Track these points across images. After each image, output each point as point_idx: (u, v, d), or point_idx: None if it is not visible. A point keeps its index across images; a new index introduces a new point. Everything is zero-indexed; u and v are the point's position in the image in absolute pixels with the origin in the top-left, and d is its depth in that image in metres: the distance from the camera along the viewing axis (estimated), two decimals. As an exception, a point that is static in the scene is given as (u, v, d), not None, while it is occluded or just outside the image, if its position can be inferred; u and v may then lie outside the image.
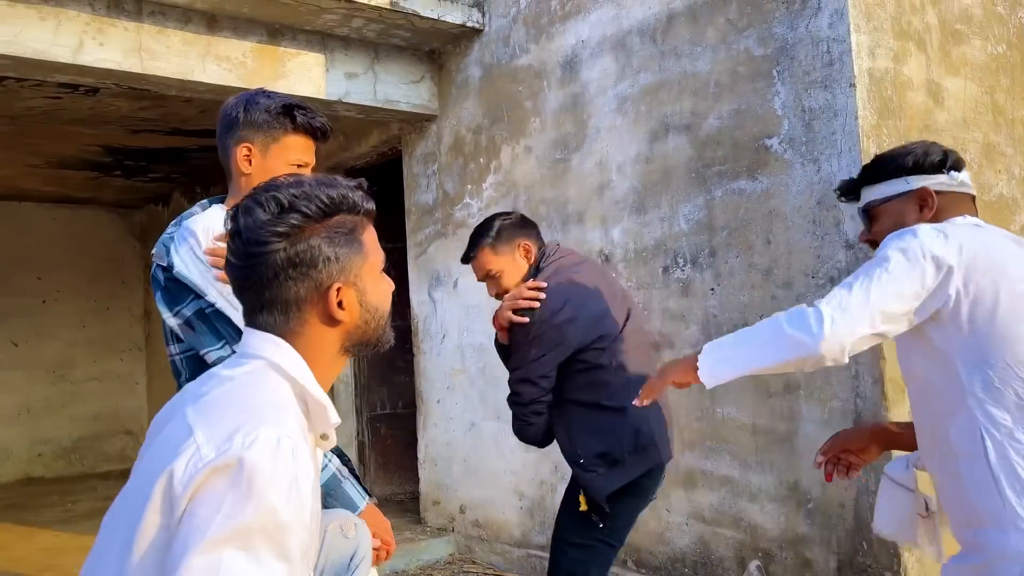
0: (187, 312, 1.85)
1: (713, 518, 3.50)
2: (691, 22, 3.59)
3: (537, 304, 2.38)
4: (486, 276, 2.59)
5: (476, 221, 4.71)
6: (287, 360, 1.19)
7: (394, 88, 4.85)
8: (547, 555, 4.30)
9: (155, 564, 1.02)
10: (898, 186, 1.84)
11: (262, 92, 2.01)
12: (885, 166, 1.86)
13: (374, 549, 1.84)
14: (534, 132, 4.39)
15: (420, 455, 5.22)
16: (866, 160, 2.99)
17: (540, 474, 4.35)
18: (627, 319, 2.49)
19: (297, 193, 1.20)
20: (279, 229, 1.17)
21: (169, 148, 7.02)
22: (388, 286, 1.33)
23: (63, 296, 8.60)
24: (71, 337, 8.63)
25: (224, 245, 1.60)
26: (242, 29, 4.24)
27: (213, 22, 4.15)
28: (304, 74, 4.47)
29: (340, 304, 1.23)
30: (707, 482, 3.52)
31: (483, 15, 4.69)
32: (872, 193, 1.87)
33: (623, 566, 3.86)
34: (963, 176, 1.86)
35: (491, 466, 4.63)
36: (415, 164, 5.26)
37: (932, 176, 1.82)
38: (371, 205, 1.32)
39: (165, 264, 1.87)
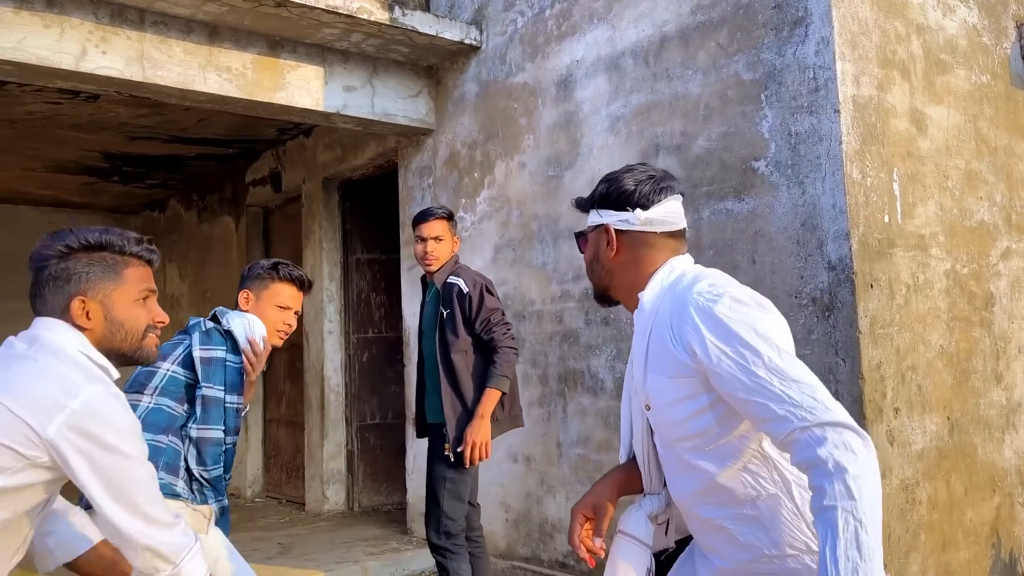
0: (215, 354, 2.44)
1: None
2: (683, 46, 3.67)
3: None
4: (435, 238, 3.41)
5: (470, 235, 4.78)
6: (73, 340, 1.61)
7: (391, 102, 4.92)
8: (530, 567, 4.35)
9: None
10: (593, 217, 1.71)
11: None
12: (592, 193, 1.72)
13: None
14: (528, 149, 4.46)
15: (408, 466, 5.25)
16: (850, 184, 3.07)
17: (527, 486, 4.39)
18: None
19: (75, 232, 1.64)
20: (47, 253, 1.63)
21: (167, 155, 7.08)
22: (144, 313, 1.68)
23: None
24: (64, 341, 8.63)
25: (259, 345, 2.51)
26: (243, 41, 4.31)
27: (214, 33, 4.22)
28: (303, 86, 4.54)
29: (88, 315, 1.62)
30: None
31: (481, 33, 4.77)
32: (589, 219, 1.74)
33: None
34: (654, 213, 1.63)
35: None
36: (410, 177, 5.33)
37: (618, 212, 1.64)
38: (143, 253, 1.70)
39: (222, 320, 2.53)
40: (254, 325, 2.53)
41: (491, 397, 3.29)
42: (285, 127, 6.36)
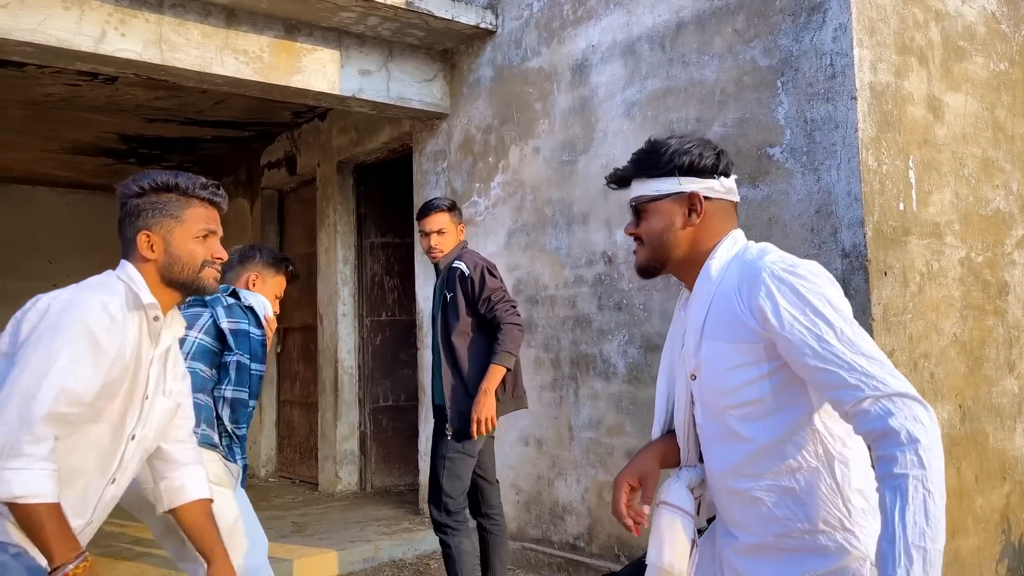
0: (241, 326, 2.71)
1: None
2: (699, 31, 3.67)
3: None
4: (438, 232, 3.45)
5: (484, 220, 4.80)
6: (123, 272, 1.85)
7: (407, 86, 4.94)
8: (541, 549, 4.39)
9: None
10: (669, 185, 1.67)
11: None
12: (658, 161, 1.68)
13: None
14: (543, 133, 4.47)
15: (421, 447, 5.31)
16: (865, 171, 3.07)
17: (537, 469, 4.43)
18: None
19: (149, 175, 1.88)
20: (127, 192, 1.88)
21: (183, 137, 7.13)
22: (201, 249, 1.87)
23: (74, 280, 8.59)
24: (80, 321, 8.73)
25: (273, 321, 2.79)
26: (260, 24, 4.33)
27: (232, 16, 4.24)
28: (319, 70, 4.56)
29: (152, 247, 1.85)
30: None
31: (496, 17, 4.77)
32: (643, 188, 1.71)
33: (616, 559, 3.94)
34: (731, 182, 1.71)
35: (490, 460, 4.70)
36: (425, 161, 5.35)
37: (704, 180, 1.66)
38: (207, 196, 1.90)
39: (241, 297, 2.77)
40: (267, 305, 2.87)
41: (495, 373, 3.32)
42: (300, 110, 6.38)
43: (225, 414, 2.65)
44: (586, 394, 4.19)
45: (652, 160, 1.69)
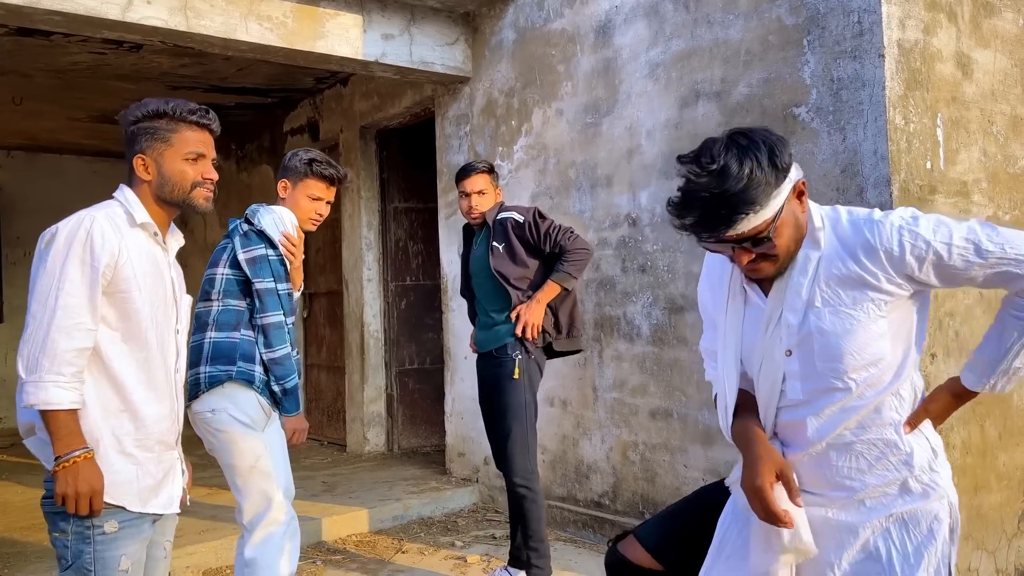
0: (256, 253, 2.74)
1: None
2: (724, -10, 3.63)
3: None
4: (479, 192, 3.49)
5: (507, 183, 4.82)
6: (120, 194, 2.02)
7: (429, 50, 4.94)
8: (567, 507, 4.48)
9: None
10: (783, 191, 1.58)
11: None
12: (760, 180, 1.54)
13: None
14: (566, 96, 4.47)
15: (447, 409, 5.40)
16: (892, 130, 3.05)
17: (563, 429, 4.50)
18: None
19: (143, 104, 2.01)
20: (125, 120, 2.02)
21: (207, 104, 7.14)
22: (190, 170, 2.00)
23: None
24: (110, 288, 8.88)
25: (293, 236, 2.80)
26: (283, -11, 4.34)
27: (255, -18, 4.25)
28: (342, 35, 4.57)
29: (147, 169, 2.00)
30: (724, 439, 3.65)
31: (518, -22, 4.74)
32: (761, 215, 1.55)
33: (640, 516, 4.02)
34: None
35: (515, 421, 4.78)
36: (447, 125, 5.36)
37: (793, 172, 1.62)
38: (196, 119, 2.02)
39: (254, 221, 2.79)
40: (284, 217, 2.82)
41: (550, 287, 3.37)
42: (322, 76, 6.40)
43: (260, 342, 2.71)
44: (610, 355, 4.23)
45: (753, 186, 1.54)
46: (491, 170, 3.60)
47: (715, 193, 1.54)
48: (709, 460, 3.75)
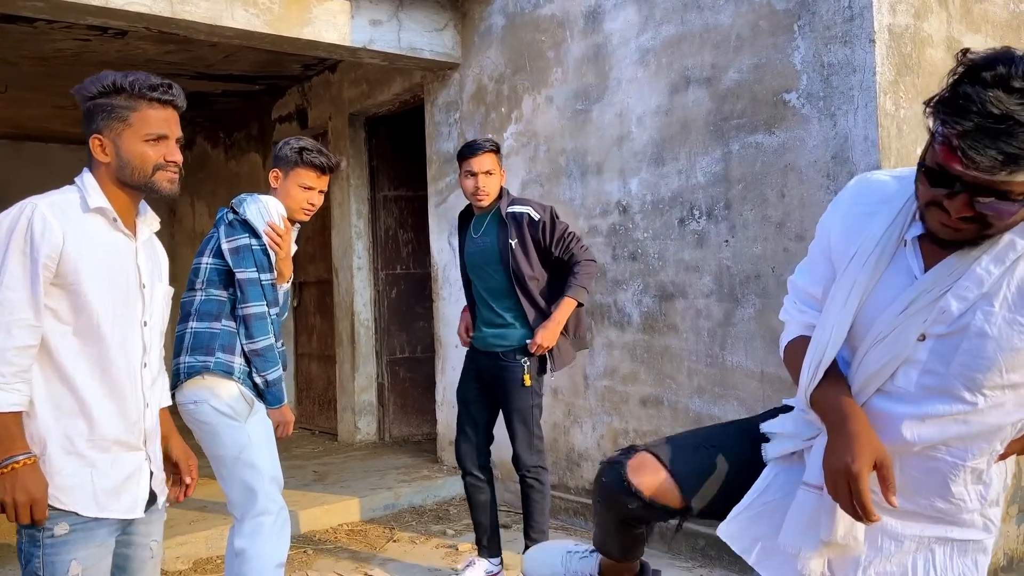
0: (239, 242, 2.69)
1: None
2: (715, -26, 3.61)
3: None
4: (486, 172, 3.32)
5: (496, 170, 4.78)
6: (80, 178, 1.87)
7: (417, 36, 4.89)
8: (558, 495, 4.47)
9: None
10: None
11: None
12: None
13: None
14: (556, 82, 4.44)
15: (438, 397, 5.39)
16: (883, 116, 3.04)
17: (554, 417, 4.50)
18: None
19: (100, 78, 1.83)
20: (80, 95, 1.85)
21: (193, 92, 7.09)
22: (151, 152, 1.84)
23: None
24: (97, 277, 8.82)
25: (279, 226, 2.71)
26: (269, -26, 4.29)
27: (241, -33, 4.19)
28: (329, 21, 4.52)
29: (104, 150, 1.84)
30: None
31: (507, -37, 4.70)
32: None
33: (631, 505, 4.02)
34: None
35: (506, 409, 4.77)
36: (437, 112, 5.32)
37: None
38: (159, 96, 1.84)
39: (239, 210, 2.72)
40: (269, 207, 2.75)
41: (567, 305, 3.27)
42: (310, 63, 6.34)
43: (241, 333, 2.68)
44: (601, 343, 4.23)
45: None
46: (498, 149, 3.41)
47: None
48: (700, 447, 3.74)
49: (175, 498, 2.09)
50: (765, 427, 1.69)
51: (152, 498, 1.95)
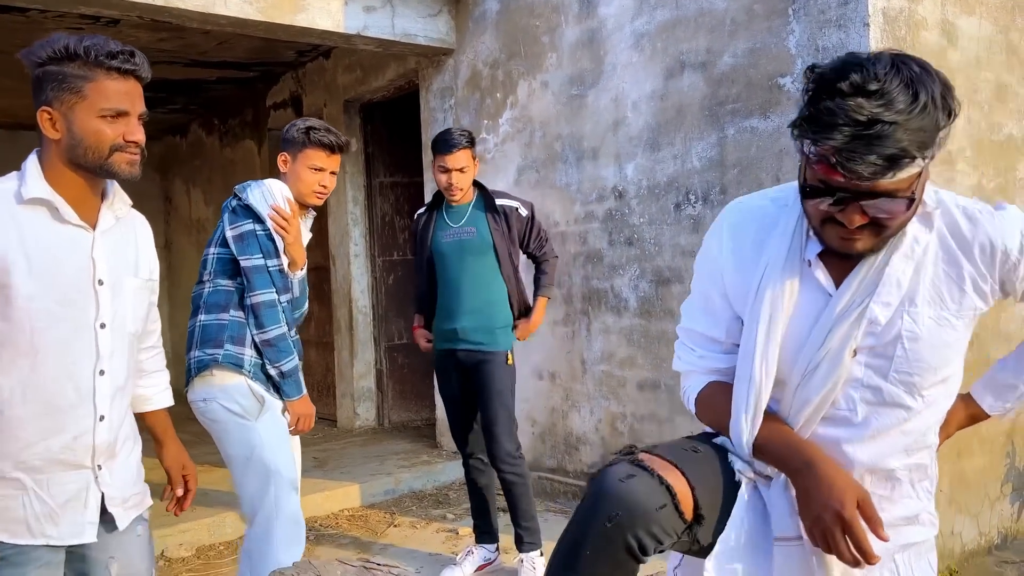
0: (243, 229, 2.59)
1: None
2: (709, -42, 3.60)
3: None
4: (459, 170, 3.31)
5: (493, 157, 4.79)
6: (26, 162, 1.65)
7: (412, 22, 4.88)
8: (556, 478, 4.51)
9: None
10: (939, 142, 1.27)
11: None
12: (934, 120, 1.24)
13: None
14: (551, 67, 4.43)
15: (436, 383, 5.41)
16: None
17: (552, 402, 4.53)
18: None
19: (52, 41, 1.58)
20: (28, 61, 1.60)
21: (187, 80, 7.07)
22: (108, 130, 1.59)
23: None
24: (94, 266, 8.81)
25: (284, 209, 2.60)
26: (262, -39, 4.26)
27: (233, -46, 4.17)
28: (323, 7, 4.50)
29: (55, 126, 1.60)
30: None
31: (501, -52, 4.68)
32: (918, 166, 1.25)
33: (629, 488, 4.06)
34: None
35: (505, 394, 4.80)
36: (432, 98, 5.31)
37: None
38: (119, 64, 1.59)
39: (242, 196, 2.62)
40: (273, 190, 2.64)
41: (543, 305, 3.54)
42: (304, 49, 6.31)
43: (251, 323, 2.56)
44: (598, 328, 4.25)
45: (930, 121, 1.23)
46: (472, 143, 3.36)
47: (893, 123, 1.21)
48: (695, 431, 3.77)
49: (171, 511, 1.99)
50: (719, 440, 1.61)
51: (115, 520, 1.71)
